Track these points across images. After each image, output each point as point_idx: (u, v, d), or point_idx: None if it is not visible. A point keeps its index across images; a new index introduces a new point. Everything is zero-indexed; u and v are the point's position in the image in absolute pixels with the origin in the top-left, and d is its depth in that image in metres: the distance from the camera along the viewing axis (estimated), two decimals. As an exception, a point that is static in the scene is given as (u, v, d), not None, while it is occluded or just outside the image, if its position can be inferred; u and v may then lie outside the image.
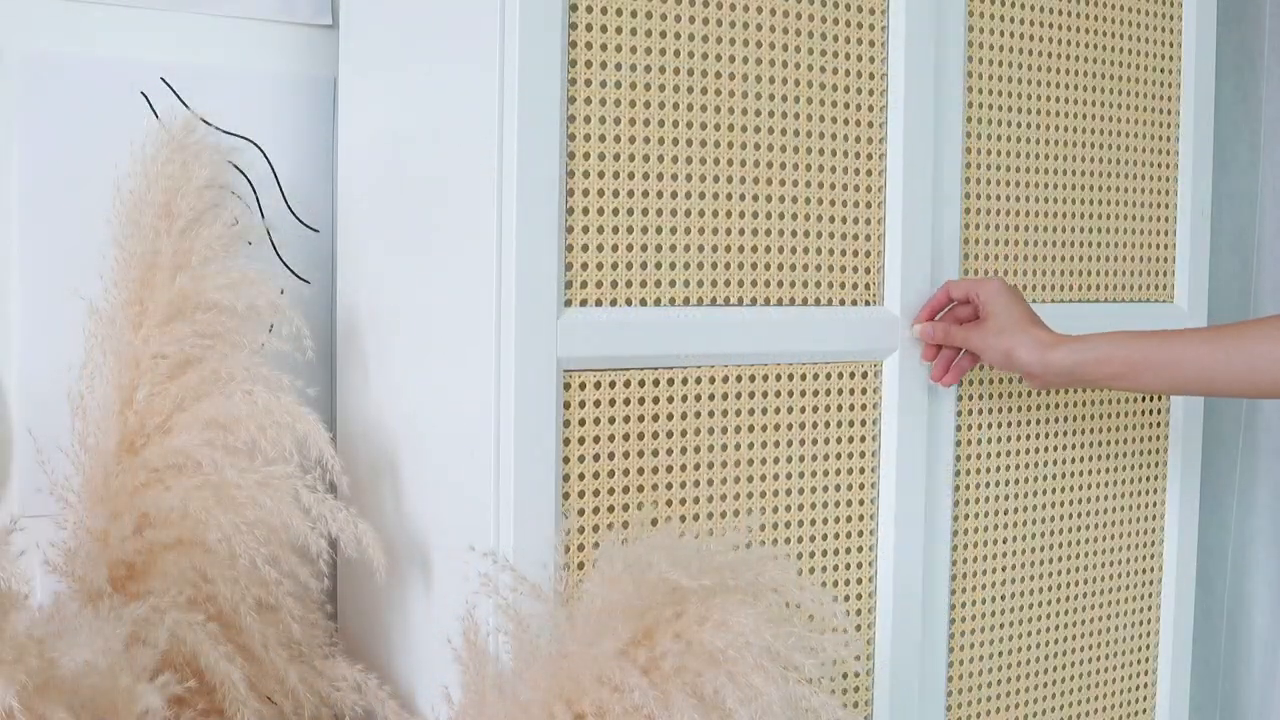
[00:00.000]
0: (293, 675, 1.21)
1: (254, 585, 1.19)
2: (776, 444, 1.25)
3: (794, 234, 1.25)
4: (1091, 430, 1.41)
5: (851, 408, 1.29)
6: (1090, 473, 1.42)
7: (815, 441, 1.27)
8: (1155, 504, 1.48)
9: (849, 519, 1.29)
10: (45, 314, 1.30)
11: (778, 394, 1.24)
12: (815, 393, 1.26)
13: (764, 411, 1.24)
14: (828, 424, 1.27)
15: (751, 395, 1.23)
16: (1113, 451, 1.43)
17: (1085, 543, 1.42)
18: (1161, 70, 1.44)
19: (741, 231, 1.22)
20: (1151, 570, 1.47)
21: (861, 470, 1.30)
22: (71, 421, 1.22)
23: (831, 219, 1.26)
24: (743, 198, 1.21)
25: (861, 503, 1.30)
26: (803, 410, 1.26)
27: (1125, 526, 1.45)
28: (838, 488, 1.28)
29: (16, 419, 1.30)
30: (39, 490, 1.25)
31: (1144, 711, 1.48)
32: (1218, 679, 1.57)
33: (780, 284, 1.24)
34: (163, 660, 1.11)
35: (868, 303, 1.29)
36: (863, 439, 1.30)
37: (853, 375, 1.28)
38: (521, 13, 1.10)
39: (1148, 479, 1.47)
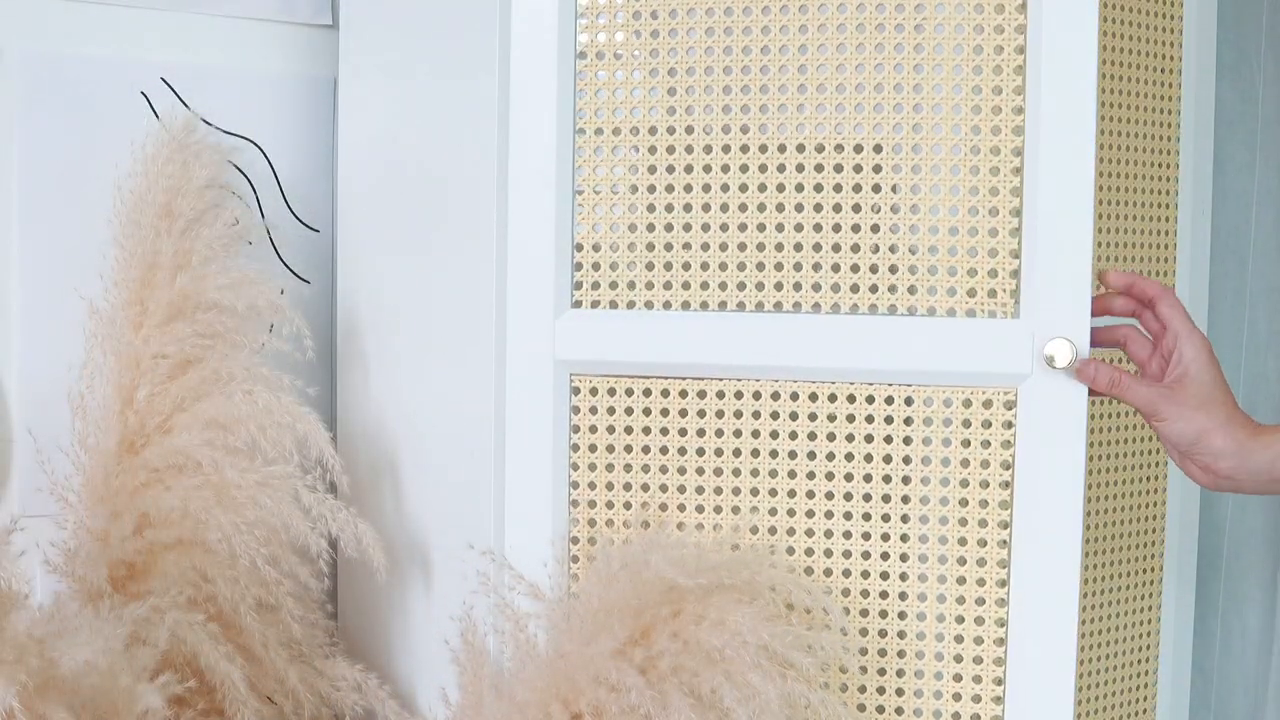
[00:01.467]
0: (293, 675, 1.21)
1: (254, 585, 1.19)
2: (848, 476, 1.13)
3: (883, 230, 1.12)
4: (1091, 430, 1.41)
5: (969, 442, 1.11)
6: (1090, 472, 1.42)
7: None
8: (1155, 504, 1.47)
9: (974, 581, 1.13)
10: (45, 314, 1.30)
11: (850, 419, 1.12)
12: (909, 420, 1.11)
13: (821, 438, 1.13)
14: (940, 460, 1.12)
15: (813, 418, 1.12)
16: (1113, 451, 1.43)
17: (1085, 542, 1.42)
18: (1161, 70, 1.44)
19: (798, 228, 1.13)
20: (1152, 570, 1.47)
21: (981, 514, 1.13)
22: (71, 421, 1.23)
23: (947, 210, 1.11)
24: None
25: (983, 545, 1.13)
26: (889, 440, 1.12)
27: (1125, 526, 1.45)
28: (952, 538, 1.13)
29: (16, 419, 1.30)
30: (39, 490, 1.25)
31: (1144, 712, 1.48)
32: (1212, 680, 1.57)
33: (855, 289, 1.11)
34: (163, 660, 1.11)
35: (992, 313, 1.11)
36: (984, 483, 1.12)
37: (967, 404, 1.11)
38: (524, 10, 1.10)
39: (1148, 479, 1.46)
